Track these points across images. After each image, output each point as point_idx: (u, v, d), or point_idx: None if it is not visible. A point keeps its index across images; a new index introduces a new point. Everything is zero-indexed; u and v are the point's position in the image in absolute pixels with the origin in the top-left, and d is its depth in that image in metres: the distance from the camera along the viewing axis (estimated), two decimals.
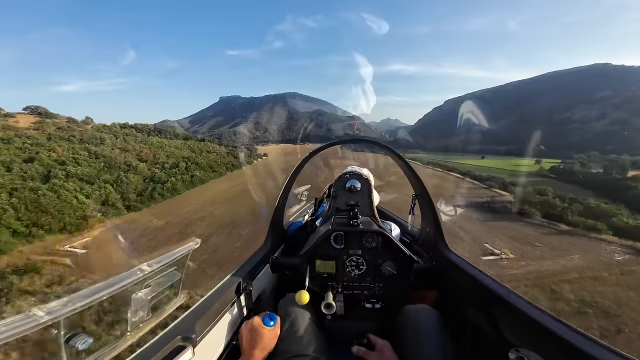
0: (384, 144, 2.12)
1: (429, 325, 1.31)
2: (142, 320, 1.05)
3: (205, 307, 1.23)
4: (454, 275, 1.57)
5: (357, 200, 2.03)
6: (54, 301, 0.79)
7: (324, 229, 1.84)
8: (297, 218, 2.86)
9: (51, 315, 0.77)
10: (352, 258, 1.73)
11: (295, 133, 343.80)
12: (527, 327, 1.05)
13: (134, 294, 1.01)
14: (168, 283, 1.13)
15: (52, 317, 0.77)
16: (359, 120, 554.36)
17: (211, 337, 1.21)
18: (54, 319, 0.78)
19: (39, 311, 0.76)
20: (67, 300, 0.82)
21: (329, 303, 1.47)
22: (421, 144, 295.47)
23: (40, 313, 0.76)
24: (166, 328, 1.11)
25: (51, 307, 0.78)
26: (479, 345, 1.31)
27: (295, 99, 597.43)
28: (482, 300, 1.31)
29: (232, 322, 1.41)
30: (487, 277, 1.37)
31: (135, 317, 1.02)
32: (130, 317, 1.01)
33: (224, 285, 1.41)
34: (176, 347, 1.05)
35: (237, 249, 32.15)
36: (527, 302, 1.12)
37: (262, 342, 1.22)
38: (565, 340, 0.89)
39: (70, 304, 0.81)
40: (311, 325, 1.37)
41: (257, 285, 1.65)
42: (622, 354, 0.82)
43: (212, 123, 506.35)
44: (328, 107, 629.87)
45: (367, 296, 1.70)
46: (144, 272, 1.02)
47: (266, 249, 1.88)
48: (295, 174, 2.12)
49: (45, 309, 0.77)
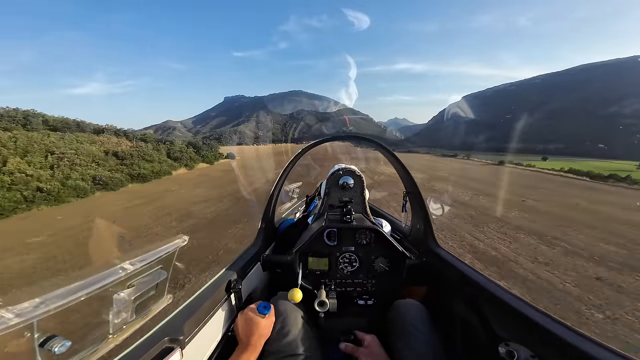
0: (376, 140, 2.08)
1: (418, 319, 1.31)
2: (126, 322, 1.00)
3: (194, 307, 1.19)
4: (444, 271, 1.57)
5: (350, 197, 2.00)
6: (25, 302, 0.75)
7: (316, 225, 1.82)
8: (288, 215, 2.83)
9: (21, 318, 0.73)
10: (345, 255, 1.73)
11: (297, 132, 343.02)
12: (516, 321, 1.05)
13: (115, 294, 0.97)
14: (153, 283, 1.09)
15: (23, 319, 0.73)
16: (348, 116, 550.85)
17: (200, 337, 1.17)
18: (25, 321, 0.73)
19: (8, 313, 0.72)
20: (40, 301, 0.77)
21: (323, 301, 1.46)
22: (437, 142, 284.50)
23: (9, 315, 0.72)
24: (152, 329, 1.07)
25: (22, 308, 0.74)
26: (468, 340, 1.30)
27: (300, 97, 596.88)
28: (471, 295, 1.31)
29: (222, 322, 1.37)
30: (476, 272, 1.37)
31: (117, 319, 0.97)
32: (112, 319, 0.96)
33: (213, 284, 1.37)
34: (163, 349, 1.01)
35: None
36: (515, 297, 1.12)
37: (258, 330, 1.22)
38: (554, 334, 0.90)
39: (44, 305, 0.77)
40: (304, 324, 1.34)
41: (248, 284, 1.61)
42: (609, 348, 0.81)
43: (215, 123, 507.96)
44: (333, 105, 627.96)
45: (360, 293, 1.70)
46: (126, 271, 0.97)
47: (257, 247, 1.84)
48: (287, 170, 2.09)
49: (15, 310, 0.73)
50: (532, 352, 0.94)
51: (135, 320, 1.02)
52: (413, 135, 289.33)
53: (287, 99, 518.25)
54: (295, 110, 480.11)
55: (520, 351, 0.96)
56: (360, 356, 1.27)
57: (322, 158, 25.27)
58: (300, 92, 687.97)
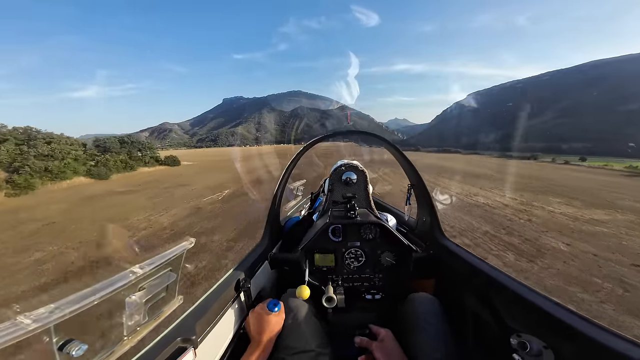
0: (379, 135, 2.08)
1: (431, 313, 1.32)
2: (139, 324, 1.02)
3: (205, 307, 1.21)
4: (452, 263, 1.57)
5: (354, 193, 2.01)
6: (41, 308, 0.77)
7: (321, 222, 1.82)
8: (294, 213, 2.85)
9: (38, 323, 0.75)
10: (351, 250, 1.73)
11: (298, 131, 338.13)
12: (527, 312, 1.04)
13: (127, 297, 0.98)
14: (163, 285, 1.10)
15: (40, 324, 0.75)
16: (351, 111, 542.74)
17: (212, 337, 1.19)
18: (42, 326, 0.75)
19: (26, 319, 0.74)
20: (55, 306, 0.79)
21: (330, 296, 1.46)
22: (445, 141, 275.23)
23: (27, 321, 0.74)
24: (165, 330, 1.09)
25: (38, 314, 0.76)
26: (479, 332, 1.30)
27: (299, 97, 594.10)
28: (481, 287, 1.30)
29: (233, 321, 1.39)
30: (485, 263, 1.36)
31: (131, 321, 0.99)
32: (126, 321, 0.98)
33: (222, 284, 1.39)
34: (177, 349, 1.03)
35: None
36: (526, 287, 1.11)
37: (269, 327, 1.25)
38: (566, 324, 0.88)
39: (58, 311, 0.79)
40: (313, 320, 1.36)
41: (257, 282, 1.63)
42: (624, 336, 0.79)
43: (213, 124, 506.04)
44: (334, 103, 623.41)
45: (367, 287, 1.71)
46: (136, 275, 0.99)
47: (264, 246, 1.86)
48: (290, 168, 2.09)
49: (32, 316, 0.75)
50: (544, 343, 0.93)
51: (148, 322, 1.04)
52: (417, 134, 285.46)
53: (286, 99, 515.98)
54: (296, 107, 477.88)
55: (533, 342, 0.95)
56: (375, 350, 1.27)
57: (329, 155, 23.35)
58: (299, 92, 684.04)
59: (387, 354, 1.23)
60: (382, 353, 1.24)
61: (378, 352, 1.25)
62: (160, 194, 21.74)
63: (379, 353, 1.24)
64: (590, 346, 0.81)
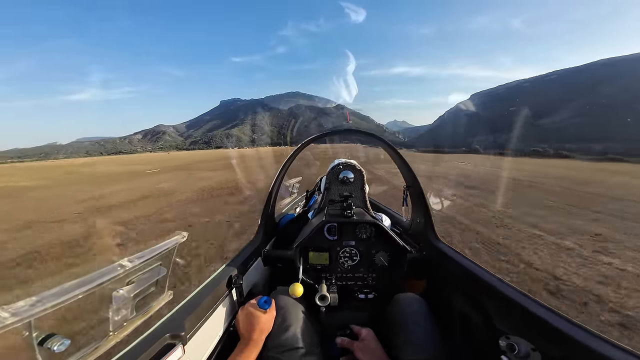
0: (377, 135, 2.08)
1: (418, 314, 1.31)
2: (126, 319, 0.98)
3: (195, 303, 1.17)
4: (444, 265, 1.57)
5: (351, 192, 2.00)
6: (20, 301, 0.73)
7: (317, 220, 1.81)
8: (288, 210, 2.82)
9: (17, 317, 0.70)
10: (346, 249, 1.73)
11: (295, 132, 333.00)
12: (516, 314, 1.04)
13: (114, 291, 0.95)
14: (153, 279, 1.07)
15: (19, 318, 0.71)
16: (349, 110, 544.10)
17: (202, 333, 1.16)
18: (20, 320, 0.71)
19: (3, 312, 0.70)
20: (36, 299, 0.75)
21: (324, 295, 1.45)
22: (451, 142, 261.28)
23: (5, 314, 0.69)
24: (153, 326, 1.05)
25: (17, 307, 0.72)
26: (469, 333, 1.30)
27: (297, 98, 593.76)
28: (472, 289, 1.30)
29: (223, 318, 1.35)
30: (477, 266, 1.36)
31: (117, 316, 0.95)
32: (112, 316, 0.94)
33: (214, 280, 1.35)
34: (165, 346, 0.99)
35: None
36: (516, 291, 1.11)
37: (259, 324, 1.22)
38: (555, 328, 0.88)
39: (40, 304, 0.75)
40: (304, 318, 1.34)
41: (249, 279, 1.60)
42: (610, 341, 0.80)
43: (209, 127, 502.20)
44: (332, 102, 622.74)
45: (361, 287, 1.70)
46: (125, 268, 0.95)
47: (257, 242, 1.83)
48: (287, 165, 2.08)
49: (10, 309, 0.71)
50: (532, 345, 0.93)
51: (136, 317, 1.00)
52: (419, 136, 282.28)
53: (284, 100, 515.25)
54: (292, 106, 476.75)
55: (521, 344, 0.96)
56: (356, 350, 1.26)
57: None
58: (297, 94, 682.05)
59: (368, 353, 1.23)
60: (363, 353, 1.23)
61: (359, 352, 1.24)
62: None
63: (360, 353, 1.24)
64: (578, 349, 0.81)
